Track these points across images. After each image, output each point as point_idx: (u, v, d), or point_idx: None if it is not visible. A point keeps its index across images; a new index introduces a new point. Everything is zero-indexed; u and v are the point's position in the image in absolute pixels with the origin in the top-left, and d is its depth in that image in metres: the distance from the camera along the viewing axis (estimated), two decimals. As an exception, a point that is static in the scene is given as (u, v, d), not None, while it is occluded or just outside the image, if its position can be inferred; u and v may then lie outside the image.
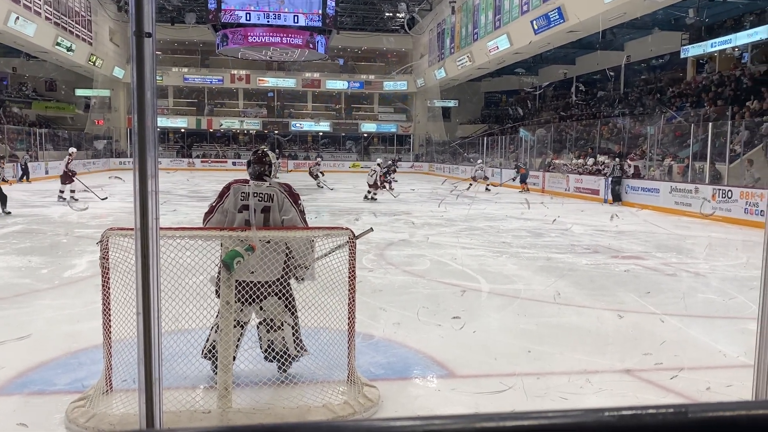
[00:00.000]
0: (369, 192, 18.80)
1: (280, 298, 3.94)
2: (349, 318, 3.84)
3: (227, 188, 4.06)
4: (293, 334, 4.04)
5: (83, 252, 8.68)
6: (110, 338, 3.64)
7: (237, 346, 3.90)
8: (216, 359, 3.86)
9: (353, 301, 3.83)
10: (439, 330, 5.15)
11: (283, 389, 3.75)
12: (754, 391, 2.76)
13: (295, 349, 4.05)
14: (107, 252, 3.60)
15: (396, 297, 6.44)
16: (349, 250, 3.81)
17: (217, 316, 3.91)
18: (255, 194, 4.00)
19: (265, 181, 4.09)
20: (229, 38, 32.12)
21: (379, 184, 18.98)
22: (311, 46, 32.41)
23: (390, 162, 25.09)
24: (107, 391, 3.64)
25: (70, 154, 16.63)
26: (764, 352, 2.75)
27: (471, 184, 22.99)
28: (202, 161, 40.70)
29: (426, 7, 38.22)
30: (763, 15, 21.11)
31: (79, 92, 38.76)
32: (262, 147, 5.26)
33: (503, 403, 3.68)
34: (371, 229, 3.81)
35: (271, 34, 31.84)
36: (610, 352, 4.78)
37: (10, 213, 12.72)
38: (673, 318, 5.72)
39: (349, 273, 3.81)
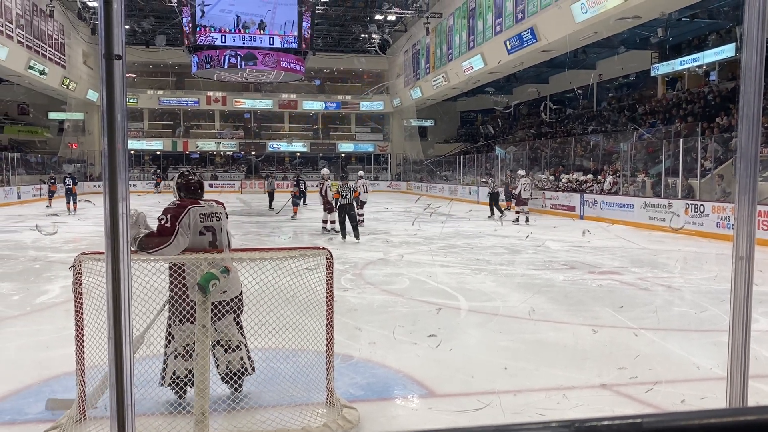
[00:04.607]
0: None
1: (230, 314, 3.90)
2: (327, 339, 3.82)
3: (183, 210, 3.79)
4: (247, 353, 4.02)
5: (56, 277, 8.54)
6: (84, 365, 3.58)
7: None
8: (180, 388, 3.80)
9: (331, 321, 3.82)
10: (416, 349, 5.15)
11: (261, 412, 3.70)
12: (727, 402, 2.80)
13: (251, 367, 4.02)
14: (80, 277, 3.56)
15: (374, 316, 6.43)
16: (327, 270, 3.81)
17: (168, 344, 3.84)
18: (212, 215, 3.94)
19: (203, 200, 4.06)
20: (205, 60, 32.09)
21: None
22: (287, 67, 32.53)
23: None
24: (81, 419, 3.56)
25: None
26: (736, 364, 2.79)
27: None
28: (177, 183, 40.26)
29: (401, 28, 38.62)
30: (726, 34, 21.71)
31: (53, 115, 38.27)
32: (186, 168, 5.28)
33: (481, 421, 3.67)
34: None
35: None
36: (587, 367, 4.81)
37: None
38: (648, 332, 5.78)
39: (327, 294, 3.80)
